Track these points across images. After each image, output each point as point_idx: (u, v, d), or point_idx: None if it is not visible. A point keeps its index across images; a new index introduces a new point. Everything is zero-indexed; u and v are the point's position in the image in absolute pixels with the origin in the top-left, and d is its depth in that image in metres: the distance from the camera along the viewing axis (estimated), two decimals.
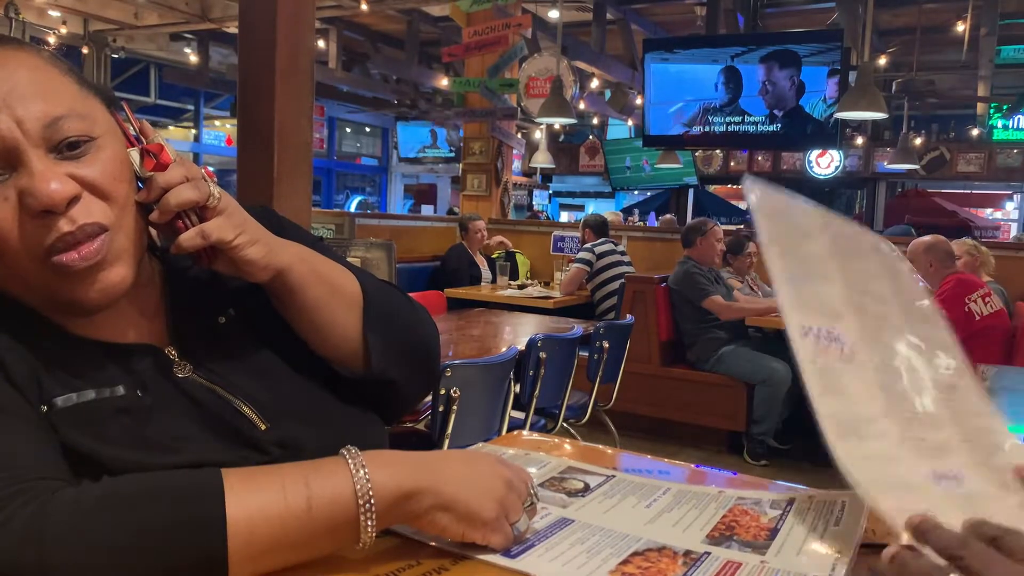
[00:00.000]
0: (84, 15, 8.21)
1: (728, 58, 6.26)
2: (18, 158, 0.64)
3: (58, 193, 0.64)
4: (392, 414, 0.91)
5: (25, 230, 0.64)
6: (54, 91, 0.68)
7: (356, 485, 0.62)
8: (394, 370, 0.83)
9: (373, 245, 3.92)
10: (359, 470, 0.63)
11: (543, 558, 0.62)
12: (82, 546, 0.55)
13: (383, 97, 11.20)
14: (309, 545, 0.62)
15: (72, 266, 0.65)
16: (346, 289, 0.82)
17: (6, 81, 0.65)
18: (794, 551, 0.65)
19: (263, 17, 2.38)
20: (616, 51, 8.51)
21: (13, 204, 0.64)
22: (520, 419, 2.73)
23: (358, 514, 0.62)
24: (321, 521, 0.61)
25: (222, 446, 0.72)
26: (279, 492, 0.61)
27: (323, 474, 0.63)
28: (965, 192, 13.62)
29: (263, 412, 0.76)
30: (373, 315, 0.82)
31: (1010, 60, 8.84)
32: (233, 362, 0.78)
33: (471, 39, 6.17)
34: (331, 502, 0.62)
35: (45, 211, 0.64)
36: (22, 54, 0.68)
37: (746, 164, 12.83)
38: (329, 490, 0.62)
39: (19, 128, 0.64)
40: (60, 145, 0.66)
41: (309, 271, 0.78)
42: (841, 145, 9.61)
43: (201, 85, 10.05)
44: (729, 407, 4.24)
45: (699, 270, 4.32)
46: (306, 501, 0.61)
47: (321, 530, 0.61)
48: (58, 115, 0.66)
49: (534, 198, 14.53)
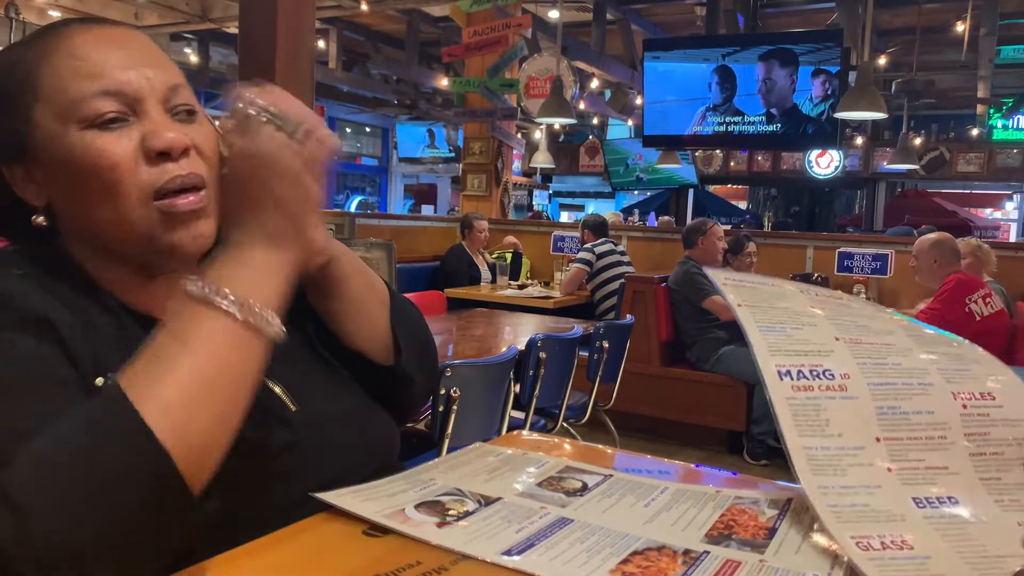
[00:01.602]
0: (84, 15, 8.21)
1: (719, 57, 6.27)
2: (144, 108, 0.72)
3: (179, 141, 0.71)
4: (400, 416, 0.93)
5: (140, 170, 0.70)
6: (171, 66, 0.77)
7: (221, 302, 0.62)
8: (415, 367, 0.88)
9: (373, 245, 3.92)
10: (216, 296, 0.62)
11: (543, 557, 0.62)
12: (45, 493, 0.53)
13: (383, 97, 11.20)
14: (224, 374, 0.61)
15: (180, 208, 0.71)
16: (377, 286, 0.87)
17: (136, 48, 0.74)
18: (793, 550, 0.65)
19: (263, 17, 2.38)
20: (616, 51, 8.51)
21: (135, 146, 0.70)
22: (520, 419, 2.73)
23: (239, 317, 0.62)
24: (212, 343, 0.61)
25: (253, 422, 0.72)
26: (165, 359, 0.59)
27: (186, 316, 0.62)
28: (965, 192, 13.62)
29: (293, 394, 0.78)
30: (398, 312, 0.88)
31: (1010, 60, 8.85)
32: None
33: (471, 39, 6.18)
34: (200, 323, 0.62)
35: (162, 153, 0.70)
36: (137, 33, 0.77)
37: (746, 164, 12.84)
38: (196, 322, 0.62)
39: (148, 84, 0.72)
40: (177, 108, 0.74)
41: (353, 263, 0.83)
42: (841, 145, 9.62)
43: (201, 85, 10.06)
44: (729, 407, 4.24)
45: (699, 270, 4.32)
46: (185, 345, 0.60)
47: (224, 355, 0.61)
48: (178, 83, 0.75)
49: (534, 198, 14.54)
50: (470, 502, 0.72)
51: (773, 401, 0.70)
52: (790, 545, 0.66)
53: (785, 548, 0.65)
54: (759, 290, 0.79)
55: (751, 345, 0.73)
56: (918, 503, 0.66)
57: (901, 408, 0.71)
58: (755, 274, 0.84)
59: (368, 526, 0.67)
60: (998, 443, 0.71)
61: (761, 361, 0.72)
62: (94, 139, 0.69)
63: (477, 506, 0.71)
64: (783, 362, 0.72)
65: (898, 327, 0.78)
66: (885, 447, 0.69)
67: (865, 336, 0.76)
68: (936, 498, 0.67)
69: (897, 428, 0.70)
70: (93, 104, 0.70)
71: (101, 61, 0.71)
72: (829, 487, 0.66)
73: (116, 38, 0.74)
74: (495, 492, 0.74)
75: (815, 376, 0.72)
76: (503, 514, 0.69)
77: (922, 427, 0.71)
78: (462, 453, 0.87)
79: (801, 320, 0.76)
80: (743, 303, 0.76)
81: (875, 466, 0.68)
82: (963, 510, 0.66)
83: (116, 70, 0.71)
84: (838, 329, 0.76)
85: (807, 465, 0.67)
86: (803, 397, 0.71)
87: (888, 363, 0.73)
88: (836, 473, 0.67)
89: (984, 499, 0.67)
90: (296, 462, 0.74)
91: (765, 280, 0.82)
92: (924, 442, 0.70)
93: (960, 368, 0.75)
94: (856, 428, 0.70)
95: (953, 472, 0.69)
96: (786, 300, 0.78)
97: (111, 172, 0.69)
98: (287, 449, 0.74)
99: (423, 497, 0.72)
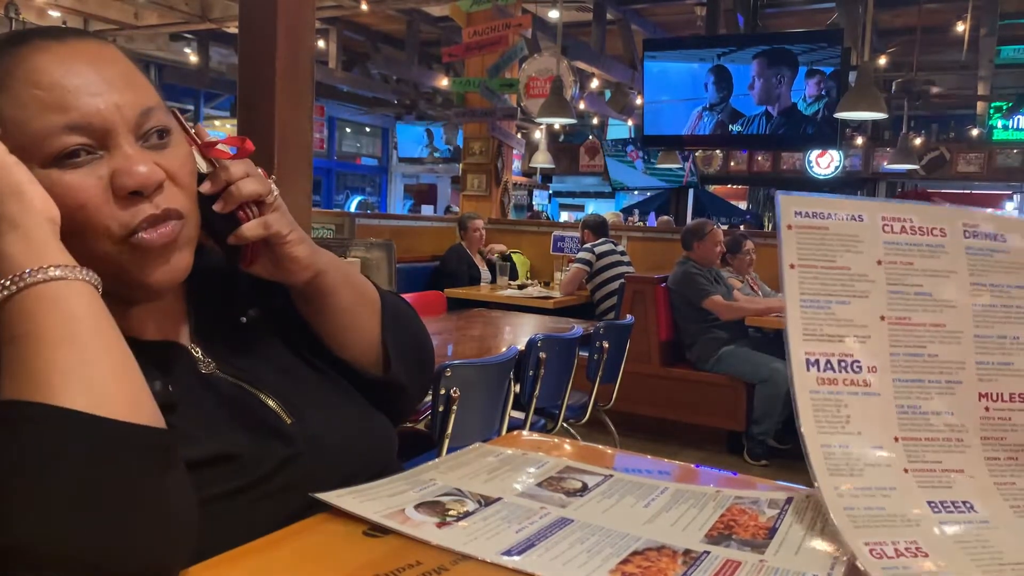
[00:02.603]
0: (84, 15, 8.21)
1: (715, 57, 6.28)
2: (113, 140, 0.67)
3: (152, 176, 0.67)
4: (395, 419, 0.92)
5: (111, 209, 0.66)
6: (143, 84, 0.71)
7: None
8: (405, 375, 0.87)
9: (373, 245, 3.91)
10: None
11: (543, 557, 0.62)
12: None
13: (383, 97, 11.19)
14: (75, 324, 0.58)
15: (152, 243, 0.68)
16: (368, 295, 0.86)
17: (104, 69, 0.68)
18: (793, 550, 0.65)
19: (263, 17, 2.38)
20: (616, 51, 8.50)
21: (105, 184, 0.66)
22: (520, 419, 2.73)
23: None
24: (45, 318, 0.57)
25: (249, 437, 0.72)
26: (23, 358, 0.56)
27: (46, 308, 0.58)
28: (965, 192, 13.61)
29: (288, 406, 0.77)
30: (390, 321, 0.86)
31: (1010, 60, 8.84)
32: (256, 359, 0.80)
33: (471, 39, 6.17)
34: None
35: (134, 192, 0.66)
36: (109, 49, 0.71)
37: (746, 164, 12.83)
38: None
39: (118, 112, 0.67)
40: (149, 134, 0.69)
41: (341, 275, 0.82)
42: (841, 145, 9.62)
43: (201, 85, 10.07)
44: (729, 407, 4.24)
45: (698, 270, 4.32)
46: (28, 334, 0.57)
47: (60, 314, 0.58)
48: (150, 106, 0.70)
49: (534, 198, 14.52)
50: (470, 502, 0.72)
51: (796, 393, 0.69)
52: (790, 545, 0.66)
53: (785, 548, 0.65)
54: (827, 234, 0.73)
55: (787, 321, 0.70)
56: (933, 507, 0.65)
57: (921, 408, 0.70)
58: (833, 196, 0.76)
59: (368, 526, 0.67)
60: (1014, 448, 0.70)
61: (793, 345, 0.70)
62: (60, 177, 0.65)
63: (477, 506, 0.71)
64: (813, 349, 0.70)
65: (965, 295, 0.73)
66: (903, 447, 0.68)
67: (919, 311, 0.72)
68: (951, 502, 0.66)
69: (916, 428, 0.69)
70: (59, 140, 0.64)
71: (65, 89, 0.65)
72: (845, 489, 0.65)
73: (82, 57, 0.68)
74: (495, 492, 0.74)
75: (842, 368, 0.70)
76: (503, 514, 0.69)
77: (940, 428, 0.70)
78: (462, 453, 0.87)
79: (854, 288, 0.71)
80: (796, 263, 0.71)
81: (892, 467, 0.67)
82: (979, 516, 0.65)
83: (83, 98, 0.66)
84: (891, 301, 0.72)
85: (824, 464, 0.66)
86: (826, 392, 0.69)
87: (924, 354, 0.71)
88: (853, 473, 0.66)
89: (1000, 504, 0.66)
90: (295, 475, 0.73)
91: (845, 207, 0.74)
92: (942, 443, 0.69)
93: (1004, 362, 0.72)
94: (876, 427, 0.69)
95: (969, 475, 0.68)
96: (853, 251, 0.72)
97: (80, 211, 0.65)
98: (286, 463, 0.73)
99: (423, 497, 0.72)
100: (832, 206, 0.74)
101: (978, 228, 0.75)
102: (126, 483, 0.54)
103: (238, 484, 0.69)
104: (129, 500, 0.54)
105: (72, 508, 0.52)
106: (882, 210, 0.75)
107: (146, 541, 0.54)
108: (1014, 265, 0.74)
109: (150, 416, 0.58)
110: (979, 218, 0.76)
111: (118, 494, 0.54)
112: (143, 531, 0.54)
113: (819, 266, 0.72)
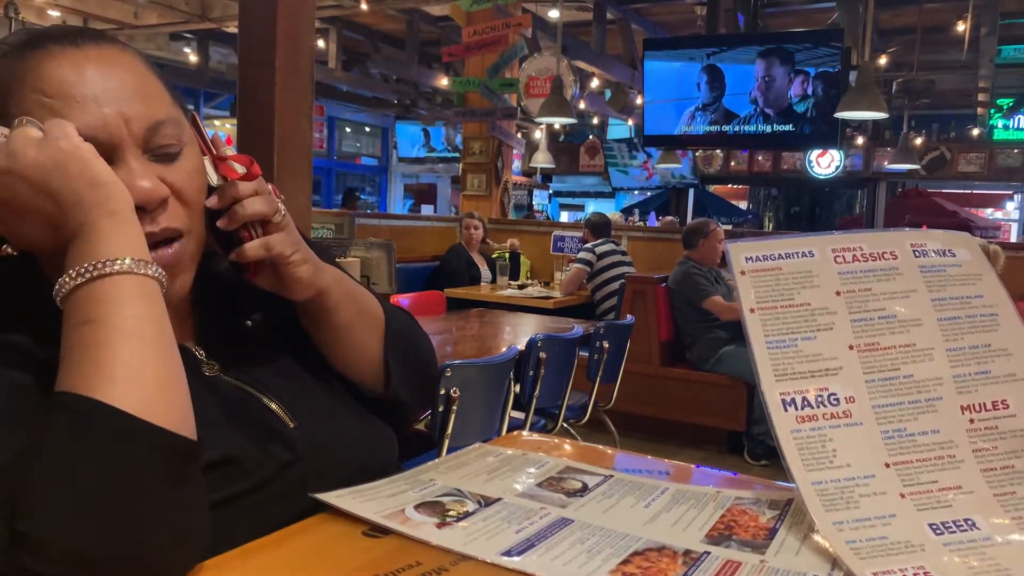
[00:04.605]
0: (84, 15, 8.21)
1: (705, 56, 6.29)
2: (118, 153, 0.66)
3: (154, 193, 0.66)
4: (395, 431, 0.92)
5: None
6: (157, 95, 0.70)
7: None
8: (407, 393, 0.87)
9: (373, 245, 3.91)
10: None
11: (543, 558, 0.62)
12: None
13: (383, 97, 11.19)
14: (144, 327, 0.59)
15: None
16: (371, 313, 0.85)
17: (116, 78, 0.67)
18: (793, 551, 0.65)
19: (263, 17, 2.38)
20: (616, 51, 8.50)
21: None
22: (520, 419, 2.73)
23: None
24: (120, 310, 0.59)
25: (251, 440, 0.72)
26: (92, 346, 0.57)
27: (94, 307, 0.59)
28: (965, 192, 13.61)
29: (291, 410, 0.77)
30: (393, 340, 0.85)
31: (1010, 60, 8.84)
32: (259, 363, 0.80)
33: (471, 39, 6.17)
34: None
35: (137, 208, 0.65)
36: (126, 55, 0.70)
37: (746, 164, 12.83)
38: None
39: (126, 126, 0.66)
40: (156, 149, 0.68)
41: (344, 293, 0.81)
42: (841, 145, 9.61)
43: (201, 85, 10.06)
44: (729, 407, 4.24)
45: (698, 270, 4.32)
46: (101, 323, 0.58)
47: (136, 313, 0.59)
48: (160, 119, 0.68)
49: (534, 198, 14.52)
50: (470, 502, 0.72)
51: (778, 436, 0.69)
52: (790, 546, 0.66)
53: (785, 549, 0.65)
54: (781, 275, 0.74)
55: (755, 365, 0.71)
56: (935, 529, 0.65)
57: (907, 430, 0.69)
58: (780, 237, 0.78)
59: (368, 527, 0.67)
60: (1007, 456, 0.69)
61: (766, 388, 0.70)
62: None
63: (477, 507, 0.71)
64: (787, 389, 0.70)
65: (929, 311, 0.74)
66: (895, 472, 0.68)
67: (886, 334, 0.73)
68: (953, 522, 0.65)
69: (905, 451, 0.69)
70: None
71: (72, 99, 0.64)
72: (844, 522, 0.65)
73: (94, 64, 0.66)
74: (495, 492, 0.74)
75: (820, 403, 0.70)
76: (503, 515, 0.69)
77: (929, 447, 0.69)
78: (462, 453, 0.87)
79: (817, 322, 0.73)
80: (756, 307, 0.73)
81: (887, 494, 0.67)
82: (981, 532, 0.65)
83: (91, 110, 0.64)
84: (856, 328, 0.73)
85: (819, 502, 0.66)
86: (808, 428, 0.69)
87: (899, 376, 0.71)
88: (849, 506, 0.66)
89: (1001, 518, 0.66)
90: (297, 479, 0.73)
91: (793, 245, 0.76)
92: (934, 462, 0.68)
93: (981, 371, 0.72)
94: (864, 456, 0.68)
95: (967, 491, 0.67)
96: (810, 286, 0.74)
97: None
98: (288, 467, 0.73)
99: (423, 498, 0.72)
100: (780, 247, 0.76)
101: (926, 247, 0.76)
102: (156, 491, 0.55)
103: (239, 488, 0.69)
104: (154, 508, 0.55)
105: (100, 509, 0.53)
106: (830, 243, 0.77)
107: (159, 551, 0.55)
108: (969, 277, 0.76)
109: (191, 426, 0.59)
110: (924, 237, 0.78)
111: (146, 501, 0.55)
112: (159, 541, 0.55)
113: (779, 306, 0.73)
